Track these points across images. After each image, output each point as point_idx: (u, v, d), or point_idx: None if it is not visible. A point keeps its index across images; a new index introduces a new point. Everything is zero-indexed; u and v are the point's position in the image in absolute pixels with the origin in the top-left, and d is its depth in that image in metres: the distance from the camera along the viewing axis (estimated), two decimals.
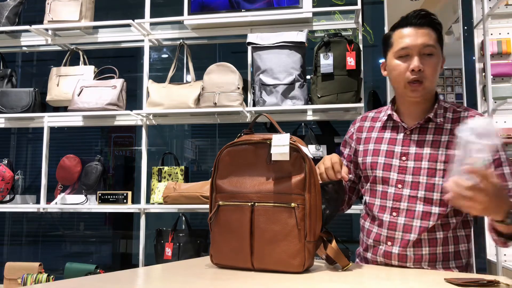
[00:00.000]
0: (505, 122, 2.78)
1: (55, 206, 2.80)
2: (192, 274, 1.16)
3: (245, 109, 2.56)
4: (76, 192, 2.87)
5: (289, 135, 1.15)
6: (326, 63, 2.43)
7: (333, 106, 2.45)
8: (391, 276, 1.16)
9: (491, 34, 2.83)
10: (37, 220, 4.48)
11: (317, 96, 2.45)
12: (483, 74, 2.81)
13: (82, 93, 2.72)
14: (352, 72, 2.42)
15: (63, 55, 2.99)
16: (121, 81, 2.76)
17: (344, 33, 2.61)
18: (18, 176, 3.14)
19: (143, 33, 2.84)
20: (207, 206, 1.49)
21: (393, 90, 1.47)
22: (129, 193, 2.72)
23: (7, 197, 2.87)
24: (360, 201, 2.13)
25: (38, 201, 2.96)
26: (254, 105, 2.59)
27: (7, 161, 2.91)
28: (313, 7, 2.75)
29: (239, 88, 2.56)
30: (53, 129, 2.99)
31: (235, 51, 3.72)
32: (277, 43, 2.50)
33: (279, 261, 1.12)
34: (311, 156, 1.15)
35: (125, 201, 2.70)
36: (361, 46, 2.51)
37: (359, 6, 2.55)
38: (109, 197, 2.71)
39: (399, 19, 1.39)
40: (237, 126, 2.59)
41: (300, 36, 2.48)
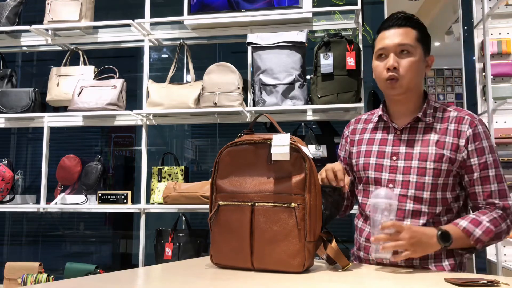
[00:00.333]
0: (505, 122, 2.78)
1: (55, 206, 2.80)
2: (192, 274, 1.16)
3: (245, 109, 2.56)
4: (76, 192, 2.87)
5: (289, 135, 1.15)
6: (326, 63, 2.43)
7: (333, 106, 2.45)
8: (391, 276, 1.16)
9: (491, 34, 2.83)
10: (37, 220, 4.47)
11: (317, 96, 2.45)
12: (483, 74, 2.81)
13: (82, 93, 2.72)
14: (352, 72, 2.42)
15: (63, 55, 2.99)
16: (121, 81, 2.76)
17: (344, 33, 2.61)
18: (18, 176, 3.14)
19: (143, 33, 2.84)
20: (207, 206, 1.49)
21: None
22: (129, 193, 2.72)
23: (7, 197, 2.87)
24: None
25: (38, 201, 2.96)
26: (254, 105, 2.59)
27: (7, 161, 2.91)
28: (313, 7, 2.75)
29: (239, 88, 2.56)
30: (53, 129, 2.99)
31: (235, 51, 3.72)
32: (277, 43, 2.50)
33: (279, 261, 1.12)
34: (311, 156, 1.15)
35: (125, 201, 2.70)
36: (361, 46, 2.51)
37: (359, 6, 2.55)
38: (109, 197, 2.71)
39: (382, 22, 1.43)
40: (237, 126, 2.59)
41: (300, 36, 2.48)
